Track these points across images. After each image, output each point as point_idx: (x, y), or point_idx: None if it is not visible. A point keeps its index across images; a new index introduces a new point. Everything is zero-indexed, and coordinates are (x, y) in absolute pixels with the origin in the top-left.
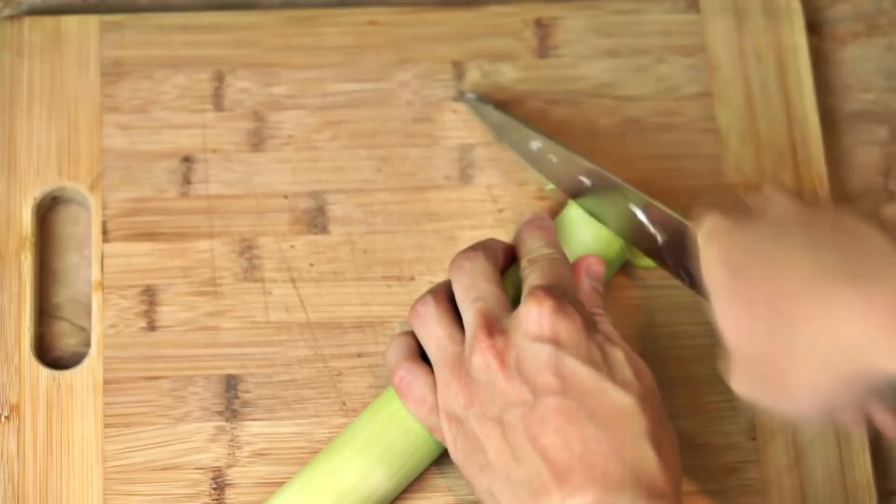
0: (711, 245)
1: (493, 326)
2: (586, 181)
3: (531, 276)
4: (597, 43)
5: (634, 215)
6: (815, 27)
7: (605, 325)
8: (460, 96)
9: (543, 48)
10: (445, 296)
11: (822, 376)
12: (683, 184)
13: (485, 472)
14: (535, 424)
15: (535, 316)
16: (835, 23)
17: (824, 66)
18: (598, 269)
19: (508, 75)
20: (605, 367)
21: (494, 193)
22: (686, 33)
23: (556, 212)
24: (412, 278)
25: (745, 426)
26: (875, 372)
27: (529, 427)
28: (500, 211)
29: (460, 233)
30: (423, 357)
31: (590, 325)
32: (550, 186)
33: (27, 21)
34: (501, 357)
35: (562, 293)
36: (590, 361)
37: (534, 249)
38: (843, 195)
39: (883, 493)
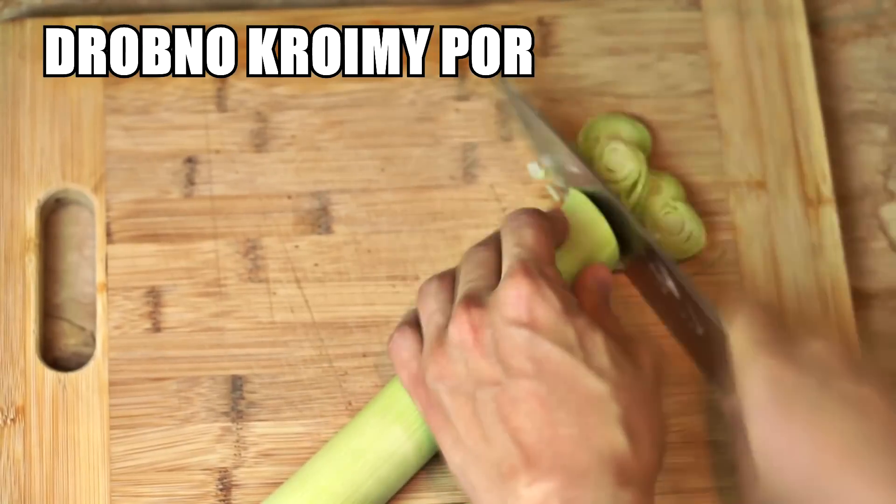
0: (755, 366)
1: (472, 301)
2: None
3: (509, 242)
4: (598, 41)
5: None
6: (815, 27)
7: (607, 316)
8: (500, 84)
9: (545, 46)
10: (450, 278)
11: None
12: (686, 181)
13: (457, 447)
14: (506, 405)
15: (512, 299)
16: (835, 23)
17: (824, 66)
18: (604, 275)
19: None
20: (580, 352)
21: (498, 192)
22: (688, 31)
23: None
24: (416, 278)
25: None
26: None
27: (501, 407)
28: (504, 210)
29: (464, 232)
30: None
31: (568, 307)
32: (551, 186)
33: (29, 23)
34: (476, 332)
35: (540, 268)
36: (565, 346)
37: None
38: (843, 195)
39: None
